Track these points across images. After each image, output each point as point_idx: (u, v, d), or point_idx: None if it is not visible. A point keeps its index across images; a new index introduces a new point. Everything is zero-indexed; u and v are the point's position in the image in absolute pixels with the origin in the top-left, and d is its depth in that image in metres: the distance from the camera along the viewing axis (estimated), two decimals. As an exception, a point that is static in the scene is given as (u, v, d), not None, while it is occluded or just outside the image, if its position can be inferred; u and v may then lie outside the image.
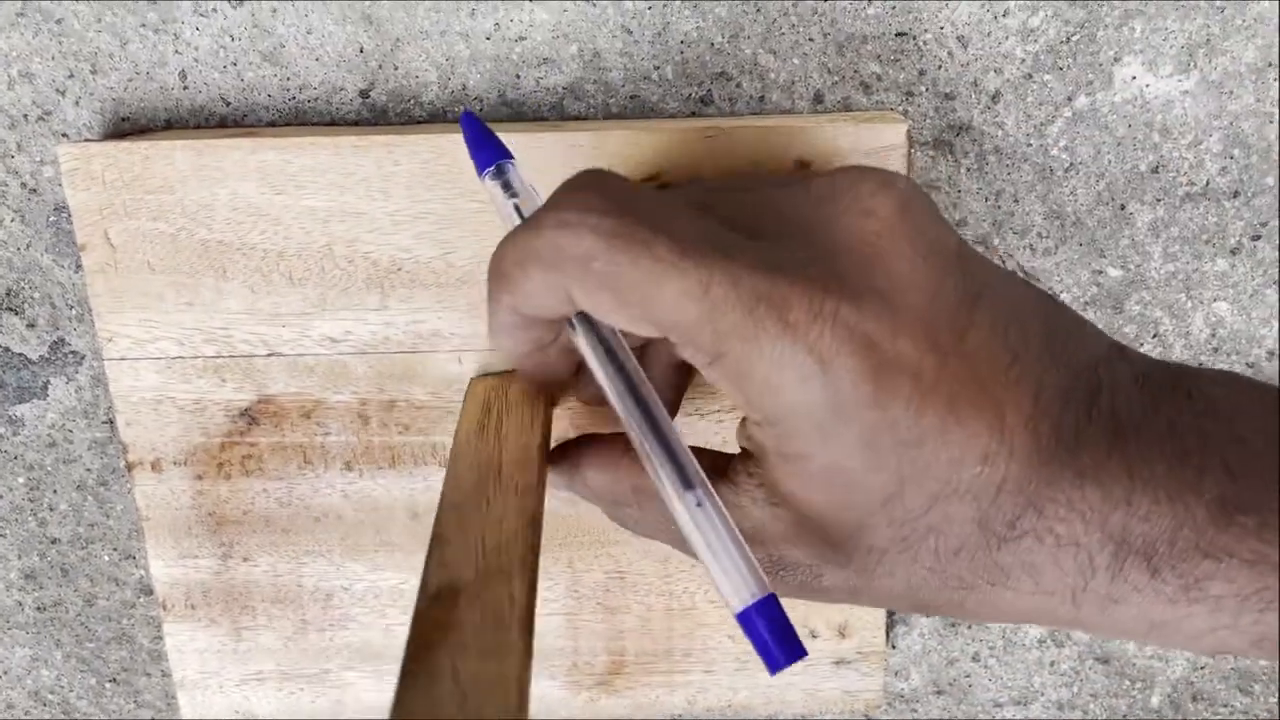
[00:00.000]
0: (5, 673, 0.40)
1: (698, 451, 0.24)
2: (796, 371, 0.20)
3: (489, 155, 0.26)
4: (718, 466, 0.24)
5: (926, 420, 0.20)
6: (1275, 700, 0.41)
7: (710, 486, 0.23)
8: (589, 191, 0.22)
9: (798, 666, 0.36)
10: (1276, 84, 0.33)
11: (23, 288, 0.35)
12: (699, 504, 0.22)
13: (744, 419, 0.23)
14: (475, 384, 0.31)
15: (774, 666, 0.21)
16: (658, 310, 0.21)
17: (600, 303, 0.21)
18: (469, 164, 0.29)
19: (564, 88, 0.33)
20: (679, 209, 0.22)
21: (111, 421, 0.37)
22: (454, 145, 0.29)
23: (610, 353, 0.24)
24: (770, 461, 0.22)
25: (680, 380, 0.29)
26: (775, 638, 0.21)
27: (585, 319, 0.24)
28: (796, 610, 0.35)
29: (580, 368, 0.29)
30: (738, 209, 0.23)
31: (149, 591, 0.39)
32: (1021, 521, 0.20)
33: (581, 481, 0.27)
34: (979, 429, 0.20)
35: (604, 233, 0.21)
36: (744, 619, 0.21)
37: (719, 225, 0.22)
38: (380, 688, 0.36)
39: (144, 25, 0.32)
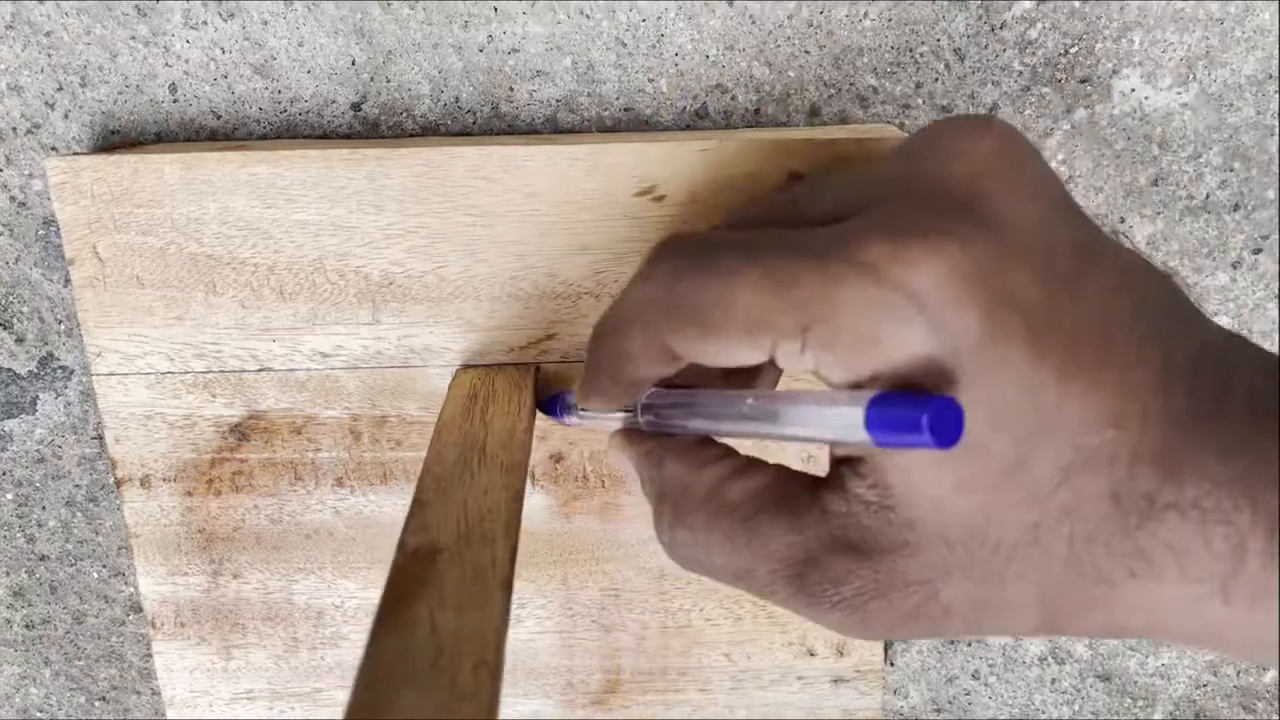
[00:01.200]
0: (-7, 691, 0.40)
1: (789, 473, 0.23)
2: (889, 313, 0.18)
3: (557, 402, 0.30)
4: (814, 482, 0.22)
5: (1046, 366, 0.18)
6: (1278, 718, 0.40)
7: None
8: (661, 248, 0.23)
9: (794, 684, 0.36)
10: (1277, 96, 0.33)
11: (11, 302, 0.35)
12: (756, 399, 0.22)
13: None
14: (461, 374, 0.31)
15: (945, 440, 0.17)
16: (739, 314, 0.20)
17: (689, 337, 0.21)
18: (462, 177, 0.29)
19: (557, 100, 0.33)
20: (751, 233, 0.22)
21: (101, 437, 0.36)
22: (446, 159, 0.29)
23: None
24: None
25: None
26: (915, 407, 0.17)
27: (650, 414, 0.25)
28: (794, 626, 0.35)
29: None
30: (835, 196, 0.22)
31: (138, 609, 0.38)
32: (1162, 494, 0.18)
33: (656, 463, 0.25)
34: (1105, 384, 0.18)
35: (677, 269, 0.21)
36: (871, 419, 0.18)
37: (807, 226, 0.21)
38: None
39: (134, 38, 0.32)
